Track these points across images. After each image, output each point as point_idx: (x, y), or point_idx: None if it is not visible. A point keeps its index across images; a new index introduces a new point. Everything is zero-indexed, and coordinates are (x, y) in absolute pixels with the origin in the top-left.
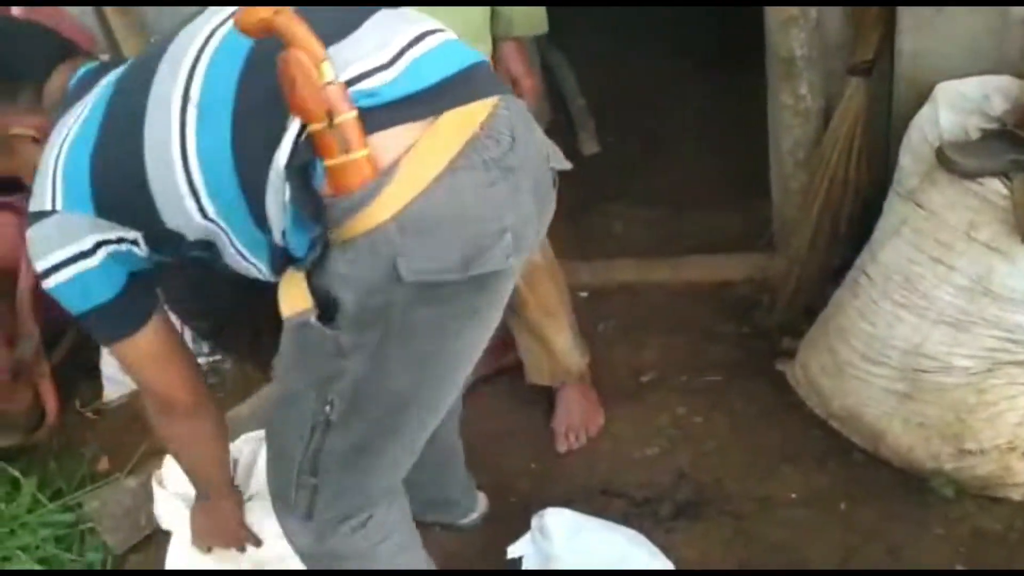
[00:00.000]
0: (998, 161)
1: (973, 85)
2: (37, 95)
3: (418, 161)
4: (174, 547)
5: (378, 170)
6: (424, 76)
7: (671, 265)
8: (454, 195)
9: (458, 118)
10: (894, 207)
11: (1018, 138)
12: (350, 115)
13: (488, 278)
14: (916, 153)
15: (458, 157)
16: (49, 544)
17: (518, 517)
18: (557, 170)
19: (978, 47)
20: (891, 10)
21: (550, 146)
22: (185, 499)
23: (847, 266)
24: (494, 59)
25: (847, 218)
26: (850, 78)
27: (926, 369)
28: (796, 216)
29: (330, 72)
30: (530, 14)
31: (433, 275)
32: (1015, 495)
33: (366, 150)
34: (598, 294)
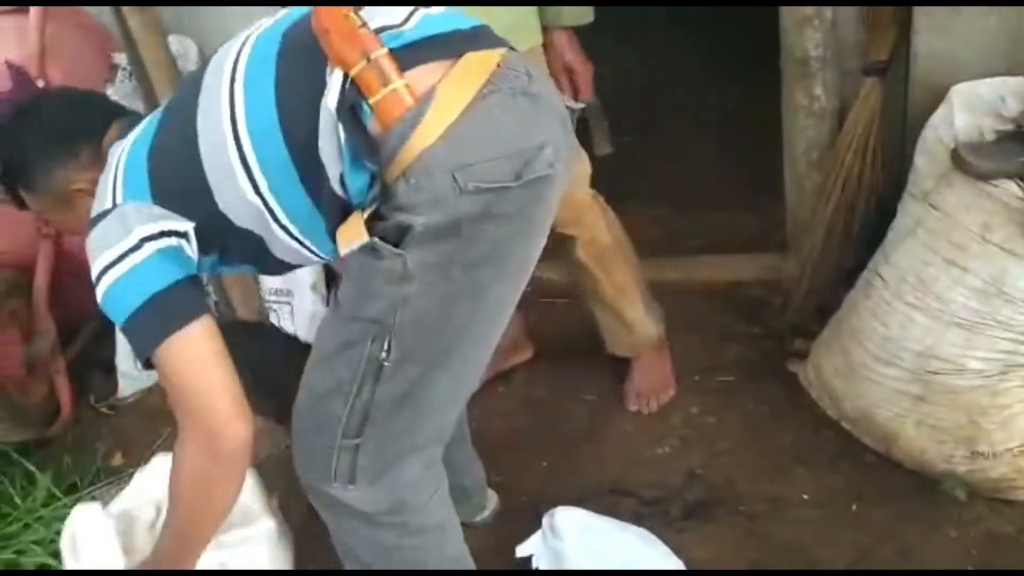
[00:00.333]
0: (1013, 163)
1: (989, 87)
2: (96, 151)
3: (452, 87)
4: None
5: (417, 98)
6: (438, 26)
7: (684, 265)
8: (490, 116)
9: (478, 57)
10: (908, 208)
11: None
12: (383, 51)
13: (539, 184)
14: (931, 154)
15: (486, 85)
16: None
17: (529, 515)
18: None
19: (994, 48)
20: (907, 11)
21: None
22: (122, 532)
23: (860, 267)
24: (546, 49)
25: (861, 219)
26: (865, 79)
27: (939, 371)
28: (809, 217)
29: (358, 18)
30: (577, 6)
31: (491, 183)
32: None
33: (404, 79)
34: None
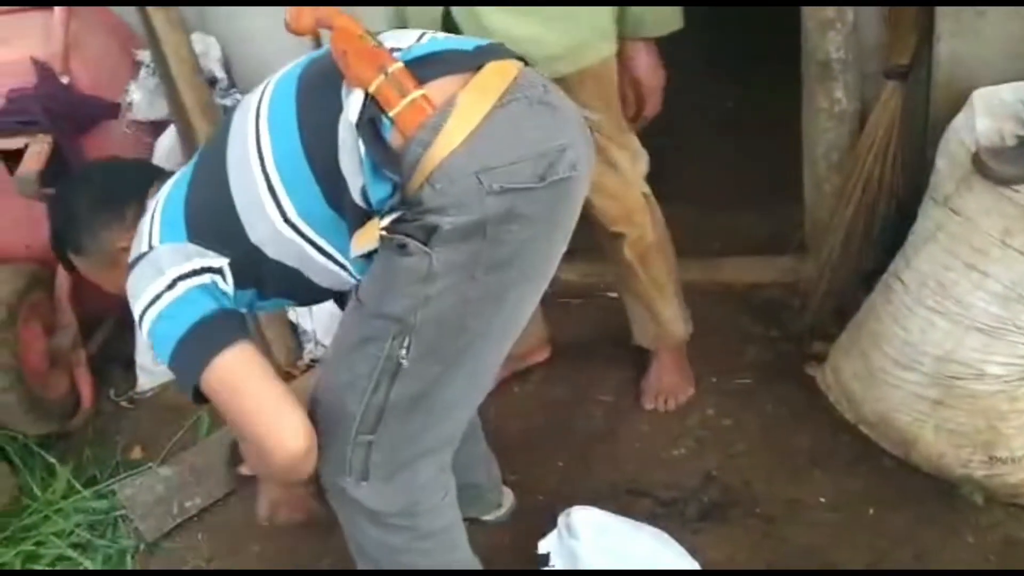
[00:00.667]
0: None
1: (1011, 91)
2: (139, 211)
3: (473, 95)
4: None
5: (438, 107)
6: (449, 45)
7: (702, 266)
8: (511, 122)
9: (499, 66)
10: (929, 212)
11: None
12: (399, 65)
13: (562, 186)
14: (952, 158)
15: (505, 94)
16: (83, 530)
17: (544, 515)
18: None
19: (1016, 53)
20: (929, 14)
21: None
22: None
23: (879, 270)
24: (620, 59)
25: (880, 222)
26: (886, 82)
27: (959, 376)
28: (828, 219)
29: (372, 39)
30: (663, 12)
31: (515, 184)
32: None
33: (422, 89)
34: None
